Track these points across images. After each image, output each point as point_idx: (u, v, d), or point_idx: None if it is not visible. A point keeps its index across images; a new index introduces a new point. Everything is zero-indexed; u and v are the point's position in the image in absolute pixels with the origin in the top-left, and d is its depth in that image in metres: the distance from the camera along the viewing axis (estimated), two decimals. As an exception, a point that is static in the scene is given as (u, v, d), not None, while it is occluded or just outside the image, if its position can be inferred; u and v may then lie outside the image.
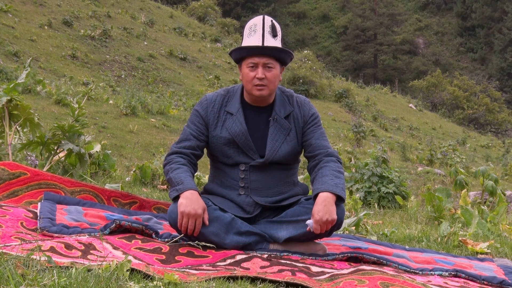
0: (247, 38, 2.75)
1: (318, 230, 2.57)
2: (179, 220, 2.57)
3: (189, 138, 2.80)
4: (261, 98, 2.78)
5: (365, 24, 46.11)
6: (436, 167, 12.05)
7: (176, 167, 2.70)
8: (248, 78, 2.74)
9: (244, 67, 2.76)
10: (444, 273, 2.56)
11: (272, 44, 2.71)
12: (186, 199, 2.57)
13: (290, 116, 2.83)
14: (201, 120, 2.82)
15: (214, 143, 2.81)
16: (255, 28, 2.73)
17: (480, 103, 30.29)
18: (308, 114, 2.85)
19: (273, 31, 2.74)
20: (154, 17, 26.22)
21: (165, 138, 9.97)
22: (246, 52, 2.73)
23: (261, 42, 2.70)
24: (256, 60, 2.72)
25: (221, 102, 2.84)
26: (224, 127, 2.79)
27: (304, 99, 2.91)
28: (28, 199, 3.02)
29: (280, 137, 2.79)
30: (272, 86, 2.75)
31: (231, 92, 2.88)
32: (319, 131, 2.84)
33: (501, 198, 5.41)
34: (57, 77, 14.72)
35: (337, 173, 2.68)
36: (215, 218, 2.64)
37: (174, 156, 2.76)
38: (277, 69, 2.75)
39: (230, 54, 2.84)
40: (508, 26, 42.06)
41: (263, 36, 2.71)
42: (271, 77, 2.73)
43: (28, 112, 3.81)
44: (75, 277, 1.82)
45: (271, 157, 2.77)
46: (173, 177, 2.67)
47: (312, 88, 22.23)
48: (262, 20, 2.74)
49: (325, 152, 2.77)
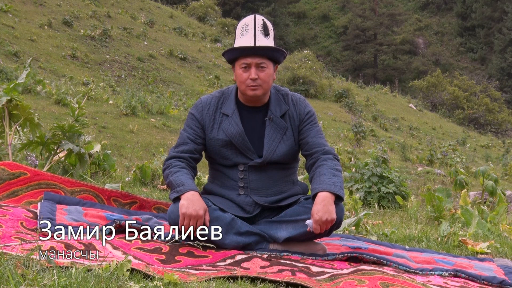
0: (239, 39, 2.73)
1: (318, 230, 2.57)
2: (180, 221, 2.56)
3: (186, 142, 2.79)
4: (255, 98, 2.77)
5: (365, 24, 46.10)
6: (436, 167, 12.04)
7: (175, 170, 2.70)
8: (241, 79, 2.73)
9: (237, 68, 2.75)
10: (444, 273, 2.56)
11: (265, 43, 2.70)
12: (187, 200, 2.57)
13: (286, 115, 2.82)
14: (197, 123, 2.81)
15: (212, 145, 2.80)
16: (247, 28, 2.72)
17: (480, 103, 30.27)
18: (304, 112, 2.84)
19: (265, 30, 2.72)
20: (154, 17, 26.20)
21: (165, 138, 9.97)
22: (239, 53, 2.72)
23: (253, 42, 2.69)
24: (248, 60, 2.71)
25: (216, 104, 2.83)
26: (221, 129, 2.78)
27: (299, 97, 2.89)
28: (28, 199, 3.02)
29: (277, 136, 2.79)
30: (266, 85, 2.74)
31: (226, 93, 2.86)
32: (315, 129, 2.83)
33: (501, 198, 5.41)
34: (57, 77, 14.71)
35: (334, 171, 2.68)
36: (215, 218, 2.64)
37: (172, 161, 2.76)
38: (270, 69, 2.74)
39: (223, 55, 2.82)
40: (508, 26, 42.04)
41: (255, 35, 2.69)
42: (265, 77, 2.72)
43: (28, 112, 3.81)
44: (75, 277, 1.82)
45: (269, 157, 2.76)
46: (173, 180, 2.66)
47: (312, 88, 22.22)
48: (254, 20, 2.72)
49: (322, 150, 2.77)
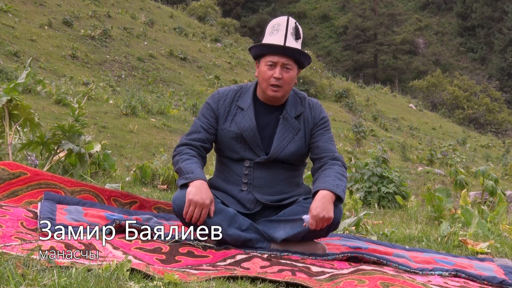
0: (268, 36, 2.74)
1: (313, 225, 2.57)
2: (186, 207, 2.57)
3: (199, 130, 2.81)
4: (275, 98, 2.79)
5: (365, 24, 46.10)
6: (436, 167, 12.03)
7: (186, 157, 2.71)
8: (265, 76, 2.74)
9: (262, 65, 2.76)
10: (444, 273, 2.56)
11: (294, 45, 2.72)
12: (195, 187, 2.58)
13: (300, 117, 2.83)
14: (212, 113, 2.82)
15: (222, 136, 2.81)
16: (278, 28, 2.73)
17: (480, 103, 30.28)
18: (319, 116, 2.86)
19: (296, 33, 2.74)
20: (154, 17, 26.20)
21: (165, 138, 9.97)
22: (267, 50, 2.73)
23: (283, 41, 2.70)
24: (276, 59, 2.72)
25: (233, 96, 2.85)
26: (234, 121, 2.80)
27: (316, 102, 2.91)
28: (28, 199, 3.02)
29: (288, 136, 2.79)
30: (287, 87, 2.76)
31: (244, 88, 2.89)
32: (328, 135, 2.84)
33: (501, 198, 5.41)
34: (57, 77, 14.71)
35: (340, 176, 2.69)
36: (219, 210, 2.65)
37: (183, 148, 2.77)
38: (294, 71, 2.76)
39: (249, 49, 2.83)
40: (508, 26, 42.05)
41: (286, 36, 2.70)
42: (288, 78, 2.74)
43: (28, 112, 3.81)
44: (75, 277, 1.82)
45: (276, 154, 2.77)
46: (183, 167, 2.67)
47: (312, 88, 22.23)
48: (287, 21, 2.73)
49: (331, 156, 2.78)
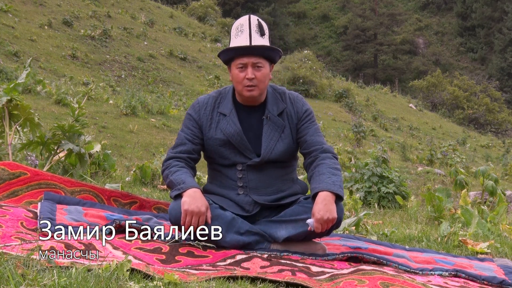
0: (234, 39, 2.74)
1: (319, 229, 2.57)
2: (182, 218, 2.56)
3: (184, 142, 2.80)
4: (252, 98, 2.78)
5: (365, 24, 46.09)
6: (436, 167, 12.03)
7: (175, 169, 2.70)
8: (238, 79, 2.74)
9: (233, 68, 2.75)
10: (444, 273, 2.56)
11: (260, 43, 2.71)
12: (189, 197, 2.57)
13: (283, 113, 2.82)
14: (195, 123, 2.81)
15: (210, 145, 2.80)
16: (242, 28, 2.72)
17: (480, 103, 30.27)
18: (302, 110, 2.84)
19: (260, 30, 2.73)
20: (154, 17, 26.19)
21: (165, 138, 9.97)
22: (234, 53, 2.72)
23: (248, 41, 2.70)
24: (245, 60, 2.71)
25: (213, 104, 2.84)
26: (218, 129, 2.78)
27: (296, 96, 2.90)
28: (28, 199, 3.02)
29: (275, 135, 2.79)
30: (262, 85, 2.75)
31: (223, 93, 2.87)
32: (314, 127, 2.83)
33: (501, 198, 5.41)
34: (57, 77, 14.70)
35: (334, 170, 2.69)
36: (216, 216, 2.64)
37: (171, 161, 2.76)
38: (266, 68, 2.75)
39: (219, 56, 2.83)
40: (508, 26, 42.04)
41: (250, 35, 2.70)
42: (261, 77, 2.73)
43: (28, 112, 3.81)
44: (75, 277, 1.82)
45: (267, 155, 2.76)
46: (173, 179, 2.66)
47: (312, 88, 22.24)
48: (248, 20, 2.73)
49: (321, 148, 2.77)
